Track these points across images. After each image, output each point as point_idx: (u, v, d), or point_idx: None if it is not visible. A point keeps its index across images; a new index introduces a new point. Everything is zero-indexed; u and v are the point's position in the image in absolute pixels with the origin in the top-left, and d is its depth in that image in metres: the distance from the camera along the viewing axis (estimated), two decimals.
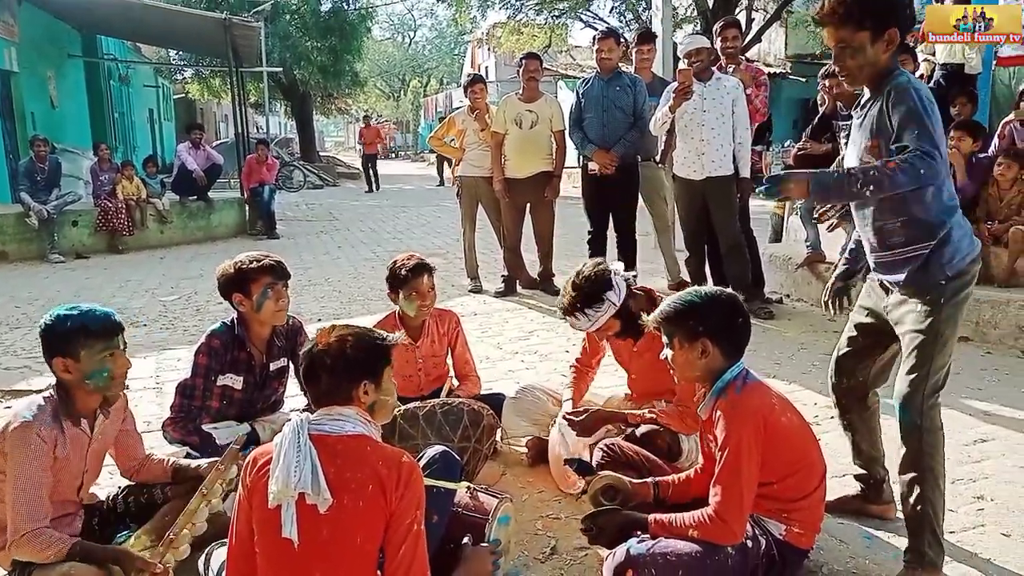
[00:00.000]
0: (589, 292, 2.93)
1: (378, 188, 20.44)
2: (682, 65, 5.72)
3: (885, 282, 2.52)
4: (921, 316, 2.38)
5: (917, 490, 2.38)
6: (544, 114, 6.49)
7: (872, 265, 2.56)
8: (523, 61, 6.64)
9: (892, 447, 2.96)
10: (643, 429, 2.90)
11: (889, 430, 2.85)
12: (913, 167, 2.18)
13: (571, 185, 10.68)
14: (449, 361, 3.71)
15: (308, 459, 1.92)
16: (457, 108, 11.78)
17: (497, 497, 2.43)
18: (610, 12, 20.84)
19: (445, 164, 19.69)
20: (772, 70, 17.22)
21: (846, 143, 2.95)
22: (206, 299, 7.20)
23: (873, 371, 2.75)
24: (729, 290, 2.47)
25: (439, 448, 2.39)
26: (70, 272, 9.19)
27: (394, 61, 53.90)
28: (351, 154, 33.77)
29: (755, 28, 18.27)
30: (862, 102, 2.47)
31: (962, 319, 2.44)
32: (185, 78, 29.73)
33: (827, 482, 2.42)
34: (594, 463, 2.77)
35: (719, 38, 6.19)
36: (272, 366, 3.26)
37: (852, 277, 2.86)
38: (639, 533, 2.36)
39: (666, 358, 2.44)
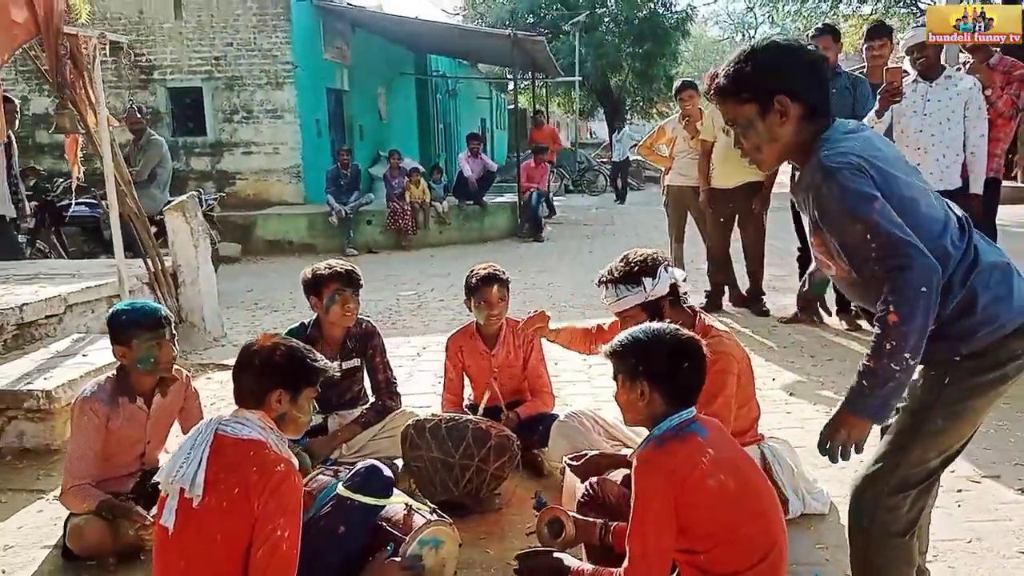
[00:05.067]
0: (629, 270, 2.85)
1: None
2: (904, 62, 5.03)
3: None
4: (917, 392, 1.89)
5: None
6: None
7: None
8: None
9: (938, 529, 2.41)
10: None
11: (936, 514, 2.32)
12: (910, 300, 1.68)
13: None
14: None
15: (199, 456, 2.11)
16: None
17: (427, 519, 2.41)
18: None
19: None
20: None
21: None
22: (437, 297, 7.79)
23: None
24: (683, 329, 2.17)
25: (368, 462, 2.43)
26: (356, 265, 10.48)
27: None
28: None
29: None
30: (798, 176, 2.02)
31: (982, 410, 1.88)
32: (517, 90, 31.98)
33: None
34: (576, 501, 2.61)
35: None
36: (344, 365, 3.52)
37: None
38: None
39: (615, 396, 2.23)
